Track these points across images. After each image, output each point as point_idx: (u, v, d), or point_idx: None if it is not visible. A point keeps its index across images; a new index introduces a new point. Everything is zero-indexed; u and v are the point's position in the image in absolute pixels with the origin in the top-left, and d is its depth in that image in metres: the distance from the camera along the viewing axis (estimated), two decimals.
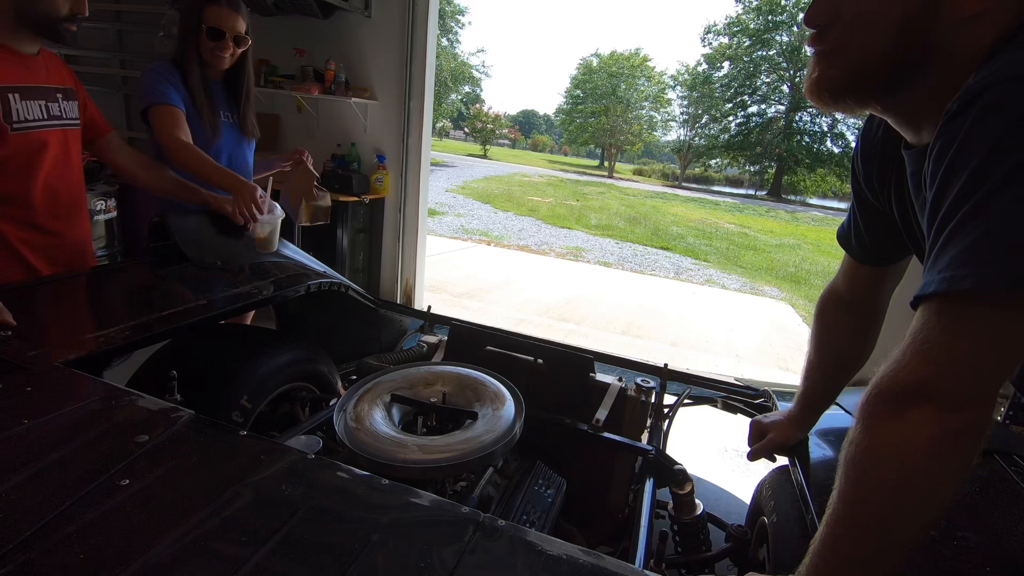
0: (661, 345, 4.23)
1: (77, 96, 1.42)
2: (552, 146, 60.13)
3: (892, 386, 0.53)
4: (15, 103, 1.21)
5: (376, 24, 3.22)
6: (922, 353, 0.52)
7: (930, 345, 0.51)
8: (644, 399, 1.40)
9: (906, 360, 0.53)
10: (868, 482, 0.54)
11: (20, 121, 1.22)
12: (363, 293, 1.68)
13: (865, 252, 0.91)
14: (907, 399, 0.52)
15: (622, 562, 0.61)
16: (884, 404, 0.54)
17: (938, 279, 0.50)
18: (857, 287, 0.96)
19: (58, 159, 1.35)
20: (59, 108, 1.33)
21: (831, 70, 0.63)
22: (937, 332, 0.51)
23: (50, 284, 1.27)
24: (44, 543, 0.53)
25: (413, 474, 0.89)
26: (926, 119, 0.62)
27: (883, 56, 0.60)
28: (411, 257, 3.55)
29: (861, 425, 0.56)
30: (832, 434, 1.08)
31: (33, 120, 1.25)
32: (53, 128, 1.32)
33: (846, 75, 0.62)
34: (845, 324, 0.99)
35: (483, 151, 36.32)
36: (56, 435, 0.69)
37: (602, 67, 35.88)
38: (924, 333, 0.52)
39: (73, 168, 1.41)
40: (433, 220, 8.97)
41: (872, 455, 0.54)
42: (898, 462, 0.52)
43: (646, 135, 35.97)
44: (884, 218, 0.84)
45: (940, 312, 0.51)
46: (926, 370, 0.51)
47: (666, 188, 27.81)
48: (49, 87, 1.32)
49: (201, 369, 1.22)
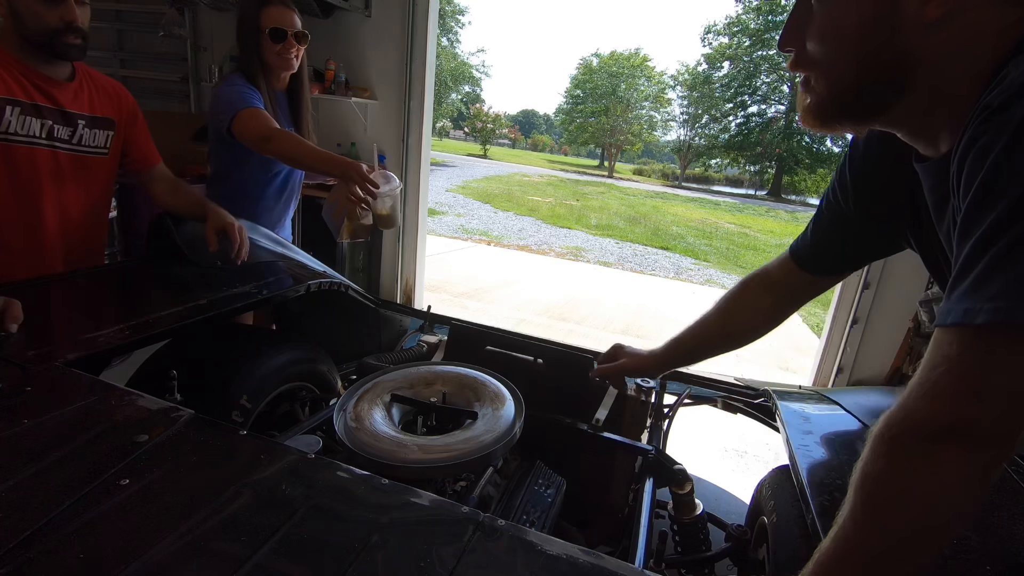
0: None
1: (116, 127, 1.44)
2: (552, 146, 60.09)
3: (927, 423, 0.49)
4: (9, 115, 1.22)
5: (376, 24, 3.22)
6: (963, 387, 0.47)
7: (973, 379, 0.47)
8: (644, 399, 1.40)
9: (943, 392, 0.48)
10: (892, 517, 0.51)
11: (8, 132, 1.23)
12: (363, 293, 1.68)
13: (816, 260, 0.92)
14: (943, 437, 0.48)
15: (622, 562, 0.61)
16: (916, 441, 0.50)
17: (990, 308, 0.44)
18: (787, 286, 0.98)
19: (65, 181, 1.36)
20: (70, 133, 1.34)
21: (815, 94, 0.62)
22: (984, 365, 0.46)
23: (50, 284, 1.27)
24: (44, 543, 0.53)
25: (413, 474, 0.89)
26: (940, 128, 0.59)
27: (856, 73, 0.58)
28: (411, 257, 3.55)
29: (886, 460, 0.52)
30: (833, 435, 1.08)
31: (24, 135, 1.26)
32: (56, 150, 1.32)
33: (830, 97, 0.61)
34: (759, 306, 1.02)
35: (483, 151, 36.32)
36: (56, 435, 0.69)
37: (602, 67, 35.89)
38: (965, 365, 0.47)
39: (89, 195, 1.43)
40: (433, 220, 8.97)
41: (898, 492, 0.51)
42: (928, 501, 0.50)
43: (646, 135, 35.97)
44: (853, 235, 0.85)
45: (990, 343, 0.46)
46: (968, 408, 0.47)
47: (666, 188, 27.80)
48: (70, 112, 1.33)
49: (201, 369, 1.22)
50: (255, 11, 1.60)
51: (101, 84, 1.42)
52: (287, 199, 1.89)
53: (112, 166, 1.48)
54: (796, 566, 0.61)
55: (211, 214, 1.44)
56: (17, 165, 1.27)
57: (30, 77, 1.26)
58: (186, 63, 3.69)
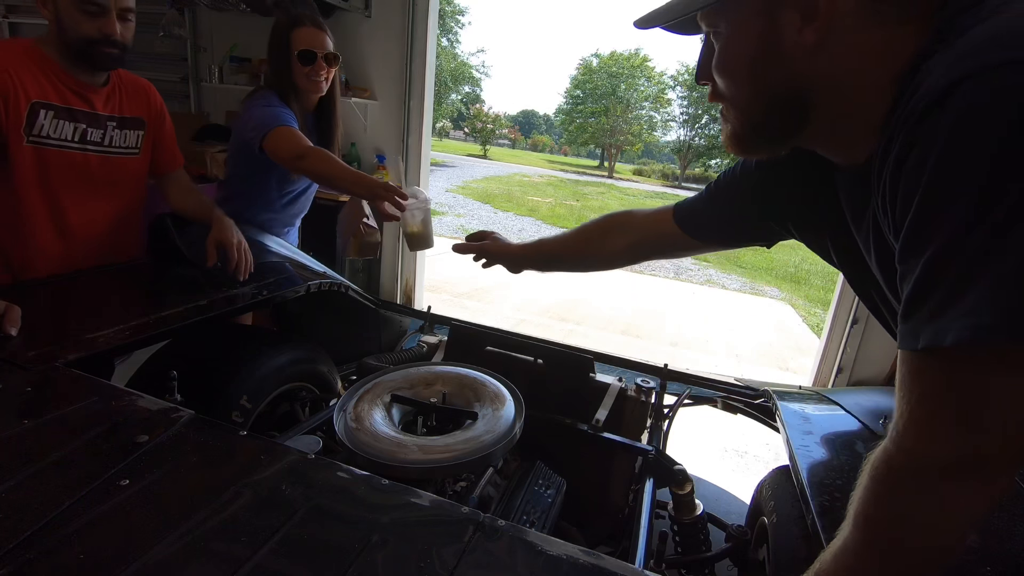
0: (661, 345, 4.23)
1: (146, 126, 1.45)
2: (552, 146, 60.11)
3: (932, 463, 0.47)
4: (43, 118, 1.25)
5: (376, 24, 3.22)
6: (961, 418, 0.45)
7: (970, 407, 0.44)
8: (644, 399, 1.40)
9: (941, 427, 0.46)
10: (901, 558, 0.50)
11: (40, 135, 1.26)
12: (363, 293, 1.68)
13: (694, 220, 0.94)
14: (950, 474, 0.46)
15: (622, 562, 0.61)
16: (921, 483, 0.48)
17: (970, 325, 0.41)
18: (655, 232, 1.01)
19: (96, 183, 1.38)
20: (105, 136, 1.36)
21: (731, 124, 0.64)
22: (978, 390, 0.44)
23: (50, 284, 1.27)
24: (44, 543, 0.53)
25: (413, 474, 0.89)
26: (856, 138, 0.58)
27: (758, 102, 0.60)
28: (411, 257, 3.55)
29: (888, 504, 0.50)
30: (833, 435, 1.08)
31: (56, 138, 1.28)
32: (87, 153, 1.34)
33: (744, 126, 0.62)
34: (616, 243, 1.06)
35: (483, 151, 36.33)
36: (56, 435, 0.69)
37: (602, 67, 35.90)
38: (958, 392, 0.45)
39: (120, 195, 1.45)
40: (433, 220, 8.96)
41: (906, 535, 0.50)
42: (937, 540, 0.49)
43: (646, 135, 35.99)
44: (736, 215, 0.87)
45: (979, 365, 0.43)
46: (972, 440, 0.45)
47: (666, 188, 27.80)
48: (101, 115, 1.35)
49: (201, 369, 1.22)
50: (286, 32, 1.58)
51: (131, 83, 1.44)
52: (298, 210, 1.88)
53: (144, 164, 1.49)
54: (796, 566, 0.61)
55: (215, 224, 1.43)
56: (49, 168, 1.29)
57: (65, 81, 1.28)
58: (186, 63, 3.69)
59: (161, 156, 1.53)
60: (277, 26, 1.62)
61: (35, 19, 3.96)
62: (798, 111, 0.59)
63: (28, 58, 1.23)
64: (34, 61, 1.24)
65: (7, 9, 3.99)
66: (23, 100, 1.21)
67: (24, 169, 1.26)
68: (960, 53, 0.44)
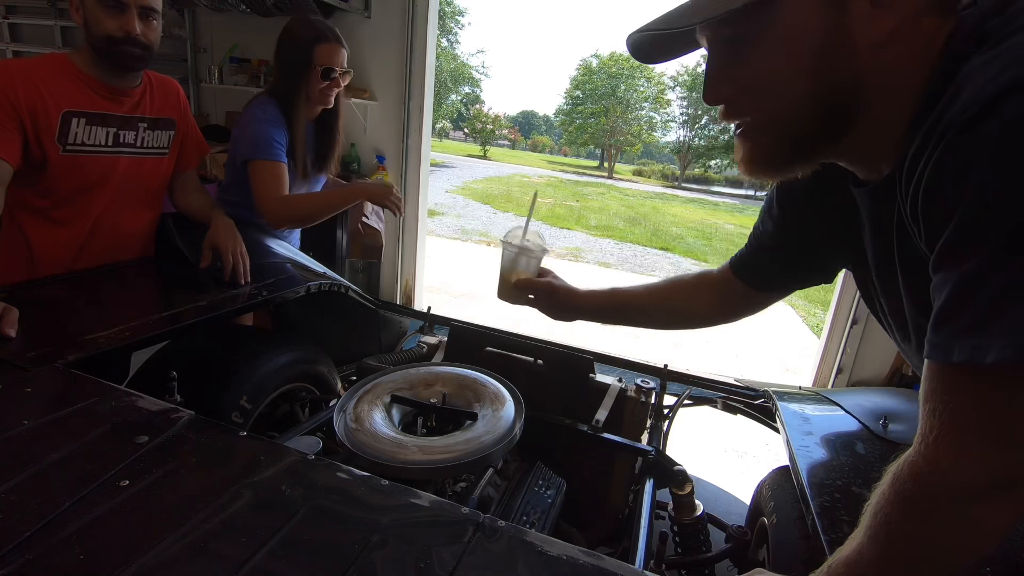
0: (661, 346, 4.23)
1: (176, 126, 1.48)
2: (552, 147, 60.12)
3: (965, 480, 0.46)
4: (75, 127, 1.28)
5: (376, 24, 3.22)
6: (997, 435, 0.44)
7: (1007, 425, 0.44)
8: (644, 400, 1.40)
9: (976, 443, 0.45)
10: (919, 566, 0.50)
11: (76, 143, 1.29)
12: (363, 294, 1.68)
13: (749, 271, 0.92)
14: (984, 493, 0.46)
15: (622, 563, 0.61)
16: (955, 500, 0.47)
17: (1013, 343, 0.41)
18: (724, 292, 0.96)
19: (127, 184, 1.41)
20: (136, 137, 1.39)
21: (760, 144, 0.58)
22: (1016, 408, 0.43)
23: (50, 284, 1.27)
24: (44, 543, 0.53)
25: (413, 475, 0.89)
26: (881, 151, 0.56)
27: (808, 107, 0.54)
28: (411, 257, 3.55)
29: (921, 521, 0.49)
30: (833, 436, 1.08)
31: (91, 145, 1.31)
32: (120, 155, 1.37)
33: (780, 141, 0.57)
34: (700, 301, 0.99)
35: (483, 152, 36.34)
36: (56, 435, 0.69)
37: (602, 68, 35.90)
38: (994, 409, 0.44)
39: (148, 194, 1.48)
40: (433, 221, 8.97)
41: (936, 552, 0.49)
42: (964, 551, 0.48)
43: (646, 136, 36.00)
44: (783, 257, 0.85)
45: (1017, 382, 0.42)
46: (1007, 457, 0.44)
47: (666, 189, 27.81)
48: (131, 117, 1.37)
49: (201, 370, 1.22)
50: (309, 46, 1.55)
51: (160, 84, 1.46)
52: None
53: (171, 164, 1.51)
54: (796, 567, 0.61)
55: (213, 226, 1.43)
56: (84, 173, 1.33)
57: (95, 87, 1.31)
58: (186, 64, 3.69)
59: (182, 155, 1.55)
60: (298, 37, 1.58)
61: (35, 20, 3.96)
62: (846, 119, 0.55)
63: (59, 71, 1.27)
64: (64, 73, 1.27)
65: (7, 10, 3.99)
66: (53, 111, 1.24)
67: (60, 176, 1.30)
68: (1005, 62, 0.43)
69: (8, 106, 1.18)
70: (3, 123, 1.18)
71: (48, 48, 3.93)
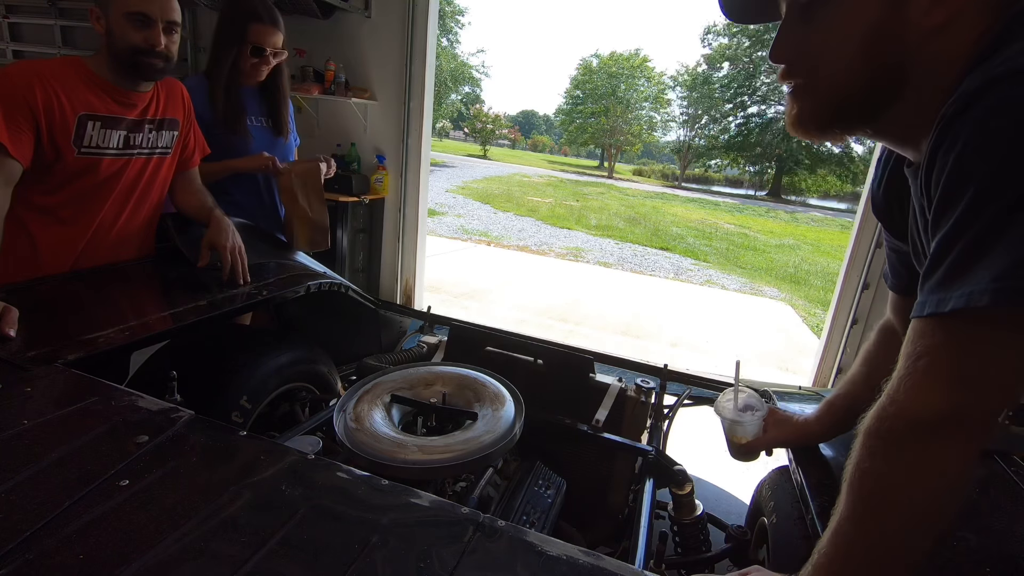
0: (661, 345, 4.23)
1: (179, 127, 1.50)
2: (552, 146, 60.13)
3: (921, 415, 0.50)
4: (91, 129, 1.30)
5: (376, 24, 3.22)
6: (951, 376, 0.49)
7: (960, 367, 0.49)
8: (644, 399, 1.40)
9: (932, 383, 0.50)
10: (893, 513, 0.52)
11: (91, 146, 1.31)
12: (363, 294, 1.68)
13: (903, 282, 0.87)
14: (938, 428, 0.50)
15: (622, 563, 0.61)
16: (912, 434, 0.51)
17: (966, 294, 0.46)
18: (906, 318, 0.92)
19: (136, 185, 1.44)
20: (143, 138, 1.41)
21: (809, 103, 0.63)
22: (968, 352, 0.48)
23: (50, 284, 1.27)
24: (44, 543, 0.53)
25: (413, 474, 0.89)
26: (922, 135, 0.60)
27: (857, 80, 0.59)
28: (411, 257, 3.55)
29: (882, 456, 0.53)
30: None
31: (104, 147, 1.34)
32: (131, 157, 1.40)
33: (826, 105, 0.62)
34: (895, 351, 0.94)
35: (483, 151, 36.35)
36: (56, 435, 0.69)
37: (602, 67, 35.88)
38: (950, 353, 0.49)
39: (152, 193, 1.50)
40: (433, 220, 8.97)
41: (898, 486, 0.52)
42: (928, 492, 0.51)
43: (646, 135, 35.96)
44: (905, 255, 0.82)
45: (972, 329, 0.48)
46: (960, 395, 0.49)
47: (666, 188, 27.81)
48: (141, 120, 1.40)
49: (201, 369, 1.22)
50: (243, 23, 1.63)
51: (165, 86, 1.48)
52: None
53: (173, 163, 1.53)
54: (796, 567, 0.61)
55: (211, 226, 1.44)
56: (97, 174, 1.34)
57: (110, 92, 1.33)
58: (186, 63, 3.69)
59: (183, 155, 1.56)
60: (234, 13, 1.65)
61: (36, 20, 3.96)
62: (890, 96, 0.59)
63: (76, 75, 1.29)
64: (81, 78, 1.29)
65: (7, 10, 3.99)
66: (70, 114, 1.26)
67: (74, 176, 1.31)
68: (1007, 56, 0.47)
69: (25, 107, 1.20)
70: (19, 124, 1.19)
71: (48, 48, 3.93)
